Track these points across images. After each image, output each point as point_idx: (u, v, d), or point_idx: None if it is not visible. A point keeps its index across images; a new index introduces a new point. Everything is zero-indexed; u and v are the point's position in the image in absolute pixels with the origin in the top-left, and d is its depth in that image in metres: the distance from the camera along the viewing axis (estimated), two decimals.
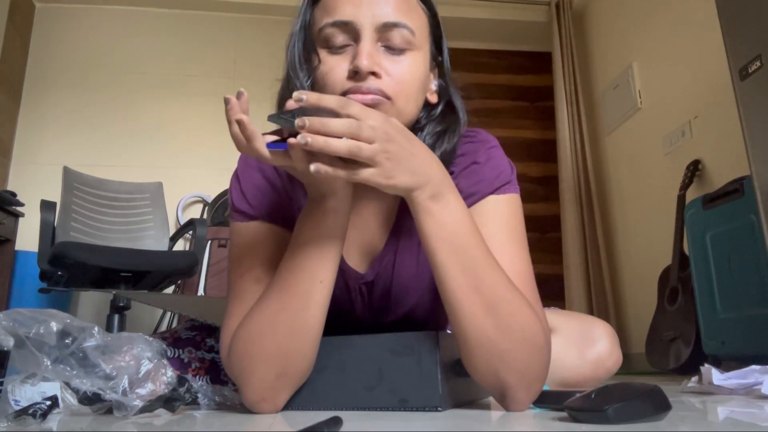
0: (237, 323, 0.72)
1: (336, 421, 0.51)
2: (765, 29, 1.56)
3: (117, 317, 2.28)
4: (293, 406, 0.74)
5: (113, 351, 0.73)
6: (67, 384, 0.72)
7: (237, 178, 0.82)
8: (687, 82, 2.64)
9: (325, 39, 0.72)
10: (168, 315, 2.89)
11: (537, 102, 3.84)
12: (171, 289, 2.80)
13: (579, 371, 0.93)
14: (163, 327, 2.88)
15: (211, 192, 3.19)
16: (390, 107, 0.70)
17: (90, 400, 0.72)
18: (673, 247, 2.38)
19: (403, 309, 0.83)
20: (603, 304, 3.14)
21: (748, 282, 1.90)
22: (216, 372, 0.95)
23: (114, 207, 2.86)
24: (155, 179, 3.05)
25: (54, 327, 0.71)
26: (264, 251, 0.76)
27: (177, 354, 0.95)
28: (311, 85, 0.73)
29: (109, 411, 0.72)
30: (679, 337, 2.24)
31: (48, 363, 0.70)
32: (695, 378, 1.05)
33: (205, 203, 3.26)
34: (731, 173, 2.14)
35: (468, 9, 3.60)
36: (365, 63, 0.68)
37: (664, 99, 2.85)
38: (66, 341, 0.71)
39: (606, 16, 3.46)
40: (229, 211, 0.83)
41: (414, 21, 0.73)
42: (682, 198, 2.41)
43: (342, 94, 0.69)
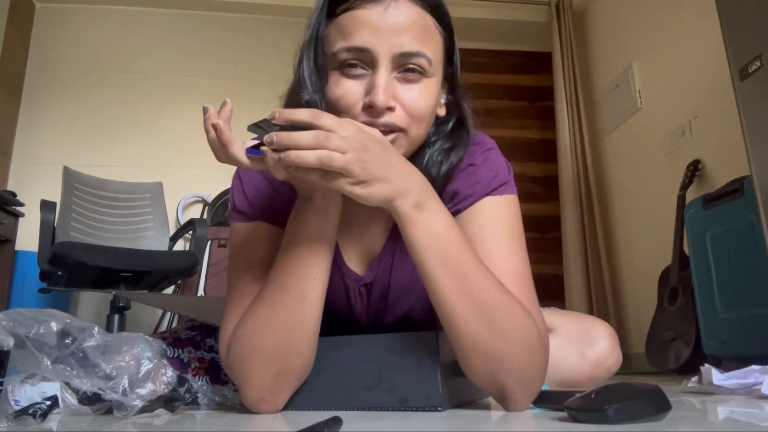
0: (235, 323, 0.72)
1: (336, 421, 0.51)
2: (765, 29, 1.56)
3: (117, 317, 2.28)
4: (293, 406, 0.74)
5: (113, 351, 0.73)
6: (67, 384, 0.72)
7: (239, 178, 0.83)
8: (687, 82, 2.64)
9: (340, 63, 0.70)
10: (168, 315, 2.89)
11: (537, 102, 3.84)
12: (171, 289, 2.80)
13: (579, 371, 0.94)
14: (163, 327, 2.88)
15: (211, 192, 3.19)
16: (403, 138, 0.70)
17: (90, 400, 0.72)
18: (673, 247, 2.38)
19: (402, 310, 0.84)
20: (603, 304, 3.14)
21: (747, 282, 1.90)
22: (216, 372, 0.96)
23: (114, 207, 2.86)
24: (155, 179, 3.04)
25: (54, 327, 0.71)
26: (263, 252, 0.76)
27: (177, 354, 0.95)
28: (322, 101, 0.72)
29: (109, 411, 0.72)
30: (679, 337, 2.24)
31: (48, 363, 0.70)
32: (695, 378, 1.05)
33: (205, 203, 3.26)
34: (731, 173, 2.14)
35: (468, 9, 3.59)
36: (381, 99, 0.67)
37: (664, 99, 2.84)
38: (66, 341, 0.71)
39: (606, 16, 3.46)
40: (229, 211, 0.83)
41: (431, 48, 0.71)
42: (682, 198, 2.41)
43: None
